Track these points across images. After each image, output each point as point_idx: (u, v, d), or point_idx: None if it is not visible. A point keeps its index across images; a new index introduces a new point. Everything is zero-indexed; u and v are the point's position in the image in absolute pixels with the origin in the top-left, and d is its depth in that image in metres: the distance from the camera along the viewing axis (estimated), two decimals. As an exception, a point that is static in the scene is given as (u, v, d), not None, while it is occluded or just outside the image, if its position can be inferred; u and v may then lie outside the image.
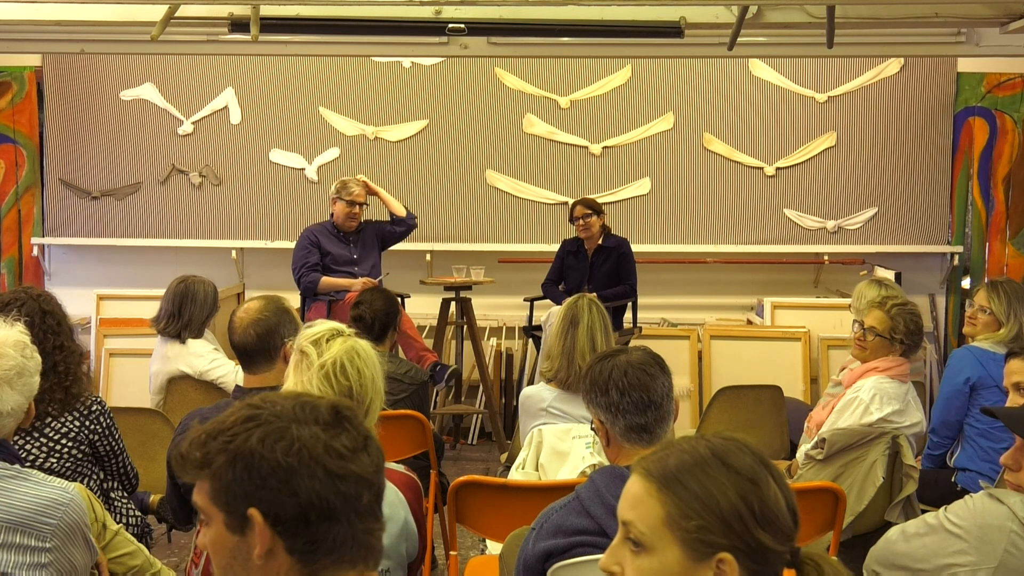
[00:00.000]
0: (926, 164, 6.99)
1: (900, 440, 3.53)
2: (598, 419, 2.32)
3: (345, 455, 1.36)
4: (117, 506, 3.22)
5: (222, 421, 1.38)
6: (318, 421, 1.37)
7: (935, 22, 5.04)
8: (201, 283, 4.48)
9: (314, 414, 1.38)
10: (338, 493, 1.34)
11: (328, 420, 1.38)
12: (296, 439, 1.34)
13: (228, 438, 1.35)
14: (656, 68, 7.03)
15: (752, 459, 1.41)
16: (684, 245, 7.05)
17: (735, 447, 1.43)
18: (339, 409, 1.40)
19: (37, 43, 6.05)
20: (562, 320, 3.65)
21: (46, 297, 3.08)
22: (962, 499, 2.13)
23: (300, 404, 1.39)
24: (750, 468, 1.40)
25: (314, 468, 1.33)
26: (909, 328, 3.77)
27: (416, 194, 7.04)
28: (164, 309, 4.43)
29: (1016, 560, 1.97)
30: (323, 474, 1.33)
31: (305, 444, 1.34)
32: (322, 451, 1.34)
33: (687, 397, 6.33)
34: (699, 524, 1.37)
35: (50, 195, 7.15)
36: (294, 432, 1.35)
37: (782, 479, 1.42)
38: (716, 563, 1.36)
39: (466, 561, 3.48)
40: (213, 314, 4.53)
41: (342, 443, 1.36)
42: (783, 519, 1.39)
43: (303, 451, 1.34)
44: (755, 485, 1.38)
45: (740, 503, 1.37)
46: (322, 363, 2.34)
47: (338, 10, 5.07)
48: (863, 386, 3.69)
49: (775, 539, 1.37)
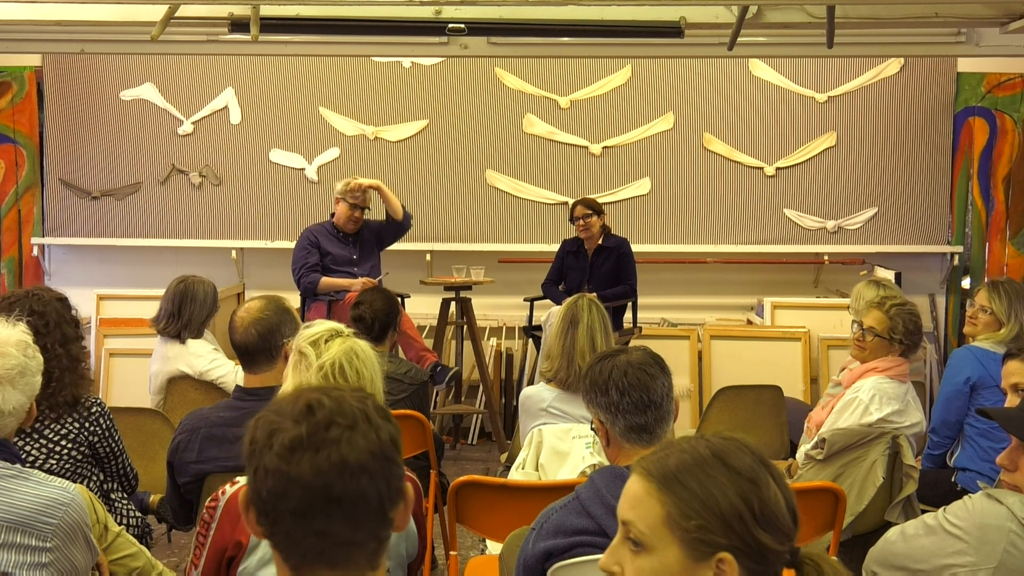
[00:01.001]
0: (926, 164, 6.99)
1: (900, 440, 3.53)
2: (598, 419, 2.32)
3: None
4: (117, 507, 3.22)
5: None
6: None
7: (935, 22, 5.04)
8: (201, 283, 4.48)
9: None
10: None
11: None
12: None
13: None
14: (656, 68, 7.03)
15: (752, 459, 1.42)
16: (684, 245, 7.05)
17: (735, 447, 1.43)
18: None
19: (37, 43, 6.05)
20: (562, 320, 3.65)
21: (39, 297, 3.06)
22: (961, 500, 2.13)
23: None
24: (750, 468, 1.40)
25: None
26: (908, 328, 3.77)
27: (416, 194, 7.04)
28: (164, 309, 4.43)
29: (1015, 560, 1.97)
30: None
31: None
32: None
33: (687, 397, 6.33)
34: (699, 524, 1.37)
35: (50, 195, 7.15)
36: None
37: (782, 479, 1.42)
38: (716, 563, 1.36)
39: (466, 561, 3.48)
40: (213, 314, 4.53)
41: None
42: (782, 519, 1.39)
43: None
44: (755, 485, 1.39)
45: (740, 503, 1.37)
46: (320, 364, 2.34)
47: (338, 10, 5.07)
48: (862, 386, 3.69)
49: (775, 539, 1.38)
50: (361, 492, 1.34)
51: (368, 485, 1.34)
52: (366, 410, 1.39)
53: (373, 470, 1.35)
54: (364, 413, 1.38)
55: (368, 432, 1.37)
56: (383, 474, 1.37)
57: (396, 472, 1.40)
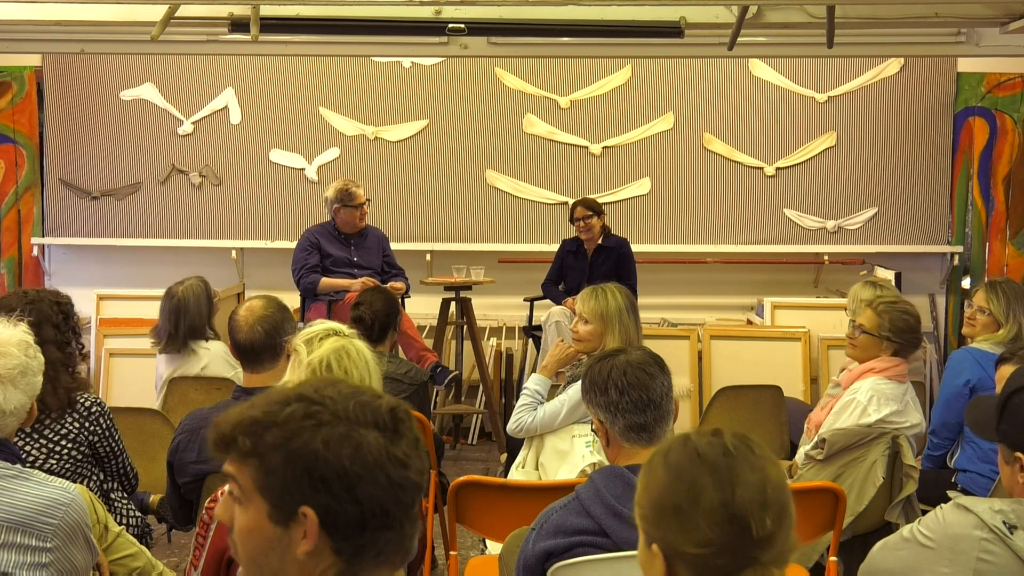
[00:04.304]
0: (926, 164, 6.99)
1: (900, 440, 3.53)
2: (598, 419, 2.32)
3: (406, 463, 1.32)
4: (117, 507, 3.22)
5: (273, 411, 1.32)
6: (378, 425, 1.32)
7: (935, 22, 5.04)
8: (190, 289, 4.46)
9: (374, 416, 1.33)
10: (397, 501, 1.31)
11: (388, 424, 1.33)
12: (361, 445, 1.29)
13: (287, 434, 1.30)
14: (656, 68, 7.03)
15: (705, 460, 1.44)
16: (684, 245, 7.05)
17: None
18: (396, 412, 1.36)
19: (37, 43, 6.05)
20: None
21: (31, 296, 3.06)
22: (933, 511, 2.13)
23: (360, 404, 1.33)
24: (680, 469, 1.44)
25: (378, 476, 1.29)
26: (897, 326, 3.71)
27: (416, 194, 7.04)
28: (162, 328, 4.46)
29: (991, 567, 1.97)
30: (386, 483, 1.29)
31: (371, 450, 1.29)
32: (385, 459, 1.30)
33: (687, 397, 6.32)
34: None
35: (50, 195, 7.15)
36: (359, 437, 1.30)
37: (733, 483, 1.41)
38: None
39: (466, 561, 3.48)
40: (213, 312, 4.54)
41: (402, 450, 1.32)
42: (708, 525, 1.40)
43: (368, 458, 1.29)
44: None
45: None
46: (309, 361, 2.34)
47: (338, 10, 5.07)
48: (860, 388, 3.66)
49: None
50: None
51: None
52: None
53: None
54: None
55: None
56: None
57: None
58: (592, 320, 3.60)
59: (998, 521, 1.98)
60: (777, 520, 1.41)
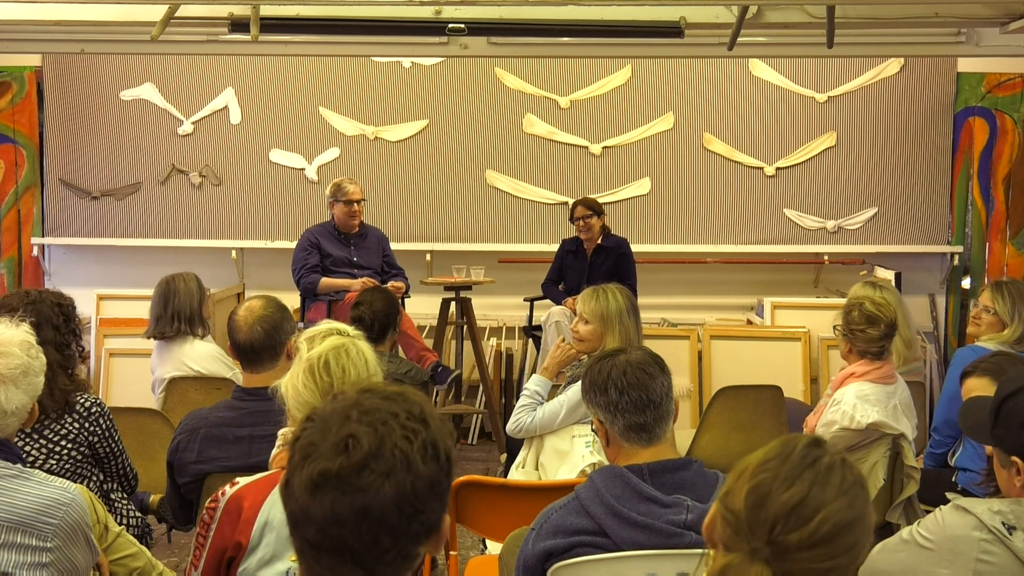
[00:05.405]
0: (926, 164, 6.99)
1: (901, 441, 3.52)
2: (598, 419, 2.32)
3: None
4: (117, 507, 3.22)
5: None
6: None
7: (935, 22, 5.04)
8: (181, 277, 4.54)
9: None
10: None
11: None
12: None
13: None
14: (656, 68, 7.03)
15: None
16: (684, 245, 7.05)
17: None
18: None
19: (37, 43, 6.04)
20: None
21: (33, 297, 3.06)
22: (932, 513, 2.13)
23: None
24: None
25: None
26: (853, 318, 3.60)
27: (416, 194, 7.04)
28: (152, 314, 4.48)
29: (990, 568, 1.97)
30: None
31: None
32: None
33: (687, 397, 6.32)
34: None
35: (50, 195, 7.15)
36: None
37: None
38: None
39: (466, 561, 3.48)
40: (203, 302, 4.55)
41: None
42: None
43: None
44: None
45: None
46: (308, 358, 2.34)
47: (338, 10, 5.07)
48: (844, 395, 3.59)
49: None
50: (376, 541, 1.29)
51: (385, 536, 1.29)
52: (408, 453, 1.30)
53: (394, 522, 1.29)
54: (405, 457, 1.30)
55: (404, 480, 1.29)
56: (407, 522, 1.30)
57: (426, 516, 1.32)
58: (592, 320, 3.60)
59: (997, 522, 1.98)
60: (807, 545, 1.37)
